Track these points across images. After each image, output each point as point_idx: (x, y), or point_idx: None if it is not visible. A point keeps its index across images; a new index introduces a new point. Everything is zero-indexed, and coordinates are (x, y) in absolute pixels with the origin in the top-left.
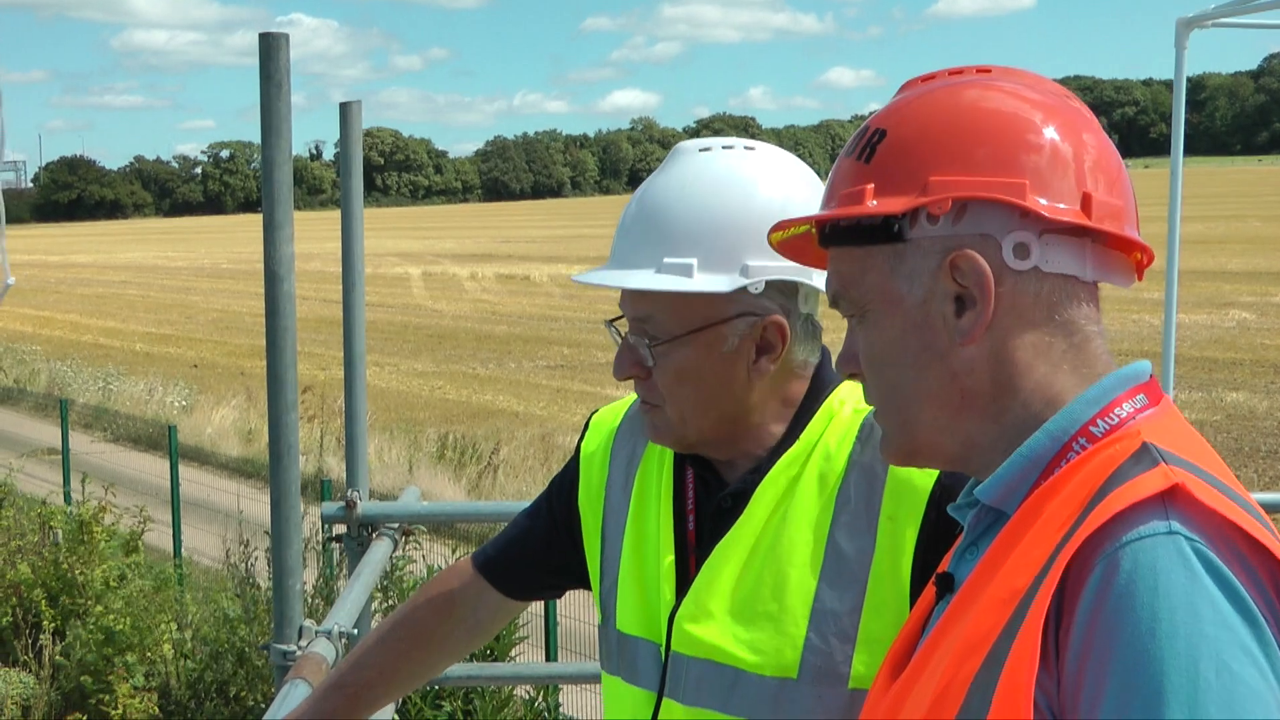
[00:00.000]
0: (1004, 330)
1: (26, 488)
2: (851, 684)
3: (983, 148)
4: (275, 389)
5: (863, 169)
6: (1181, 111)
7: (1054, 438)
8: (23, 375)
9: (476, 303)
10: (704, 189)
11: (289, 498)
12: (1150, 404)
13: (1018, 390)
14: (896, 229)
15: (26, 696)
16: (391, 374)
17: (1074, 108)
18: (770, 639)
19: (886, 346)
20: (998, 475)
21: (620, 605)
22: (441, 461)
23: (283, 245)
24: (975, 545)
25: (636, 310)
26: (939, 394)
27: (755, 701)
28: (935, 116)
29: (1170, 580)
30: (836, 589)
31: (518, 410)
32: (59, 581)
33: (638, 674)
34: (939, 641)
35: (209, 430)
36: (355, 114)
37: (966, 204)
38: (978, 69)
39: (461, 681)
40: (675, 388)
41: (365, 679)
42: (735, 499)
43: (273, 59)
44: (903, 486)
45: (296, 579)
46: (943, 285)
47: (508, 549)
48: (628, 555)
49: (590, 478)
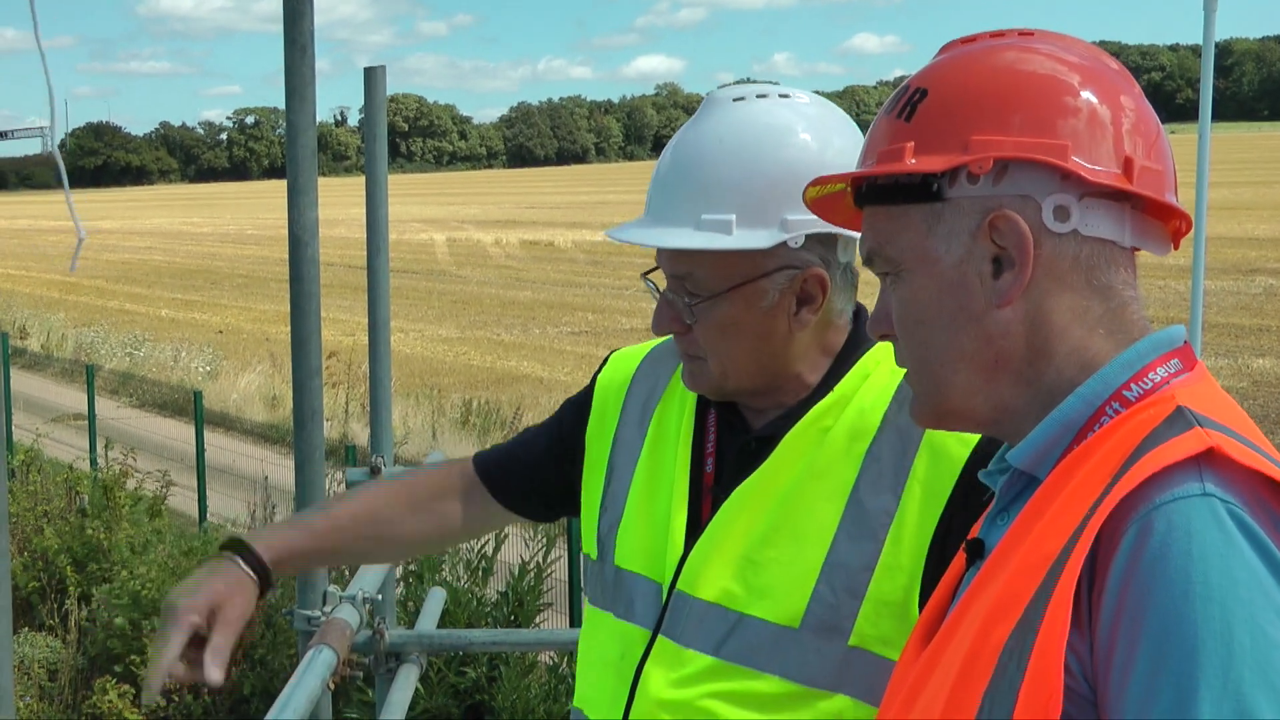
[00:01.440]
0: (1041, 293)
1: (53, 453)
2: (852, 640)
3: (1022, 109)
4: (300, 354)
5: (903, 127)
6: (1210, 77)
7: (1087, 402)
8: (49, 341)
9: (501, 268)
10: (739, 141)
11: (313, 463)
12: (1184, 369)
13: (1053, 354)
14: (935, 188)
15: (53, 661)
16: (416, 339)
17: (1113, 70)
18: (779, 585)
19: (921, 306)
20: (1030, 439)
21: (621, 540)
22: (465, 427)
23: (306, 210)
24: (1007, 510)
25: (675, 268)
26: (973, 356)
27: (752, 647)
28: (977, 77)
29: (1205, 543)
30: (854, 543)
31: (542, 376)
32: (84, 547)
33: (634, 611)
34: (969, 607)
35: (234, 396)
36: (379, 79)
37: (1007, 165)
38: (1019, 32)
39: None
40: (718, 343)
41: (350, 511)
42: (761, 444)
43: (297, 23)
44: (939, 453)
45: None
46: (981, 246)
47: (507, 456)
48: (637, 491)
49: (604, 409)
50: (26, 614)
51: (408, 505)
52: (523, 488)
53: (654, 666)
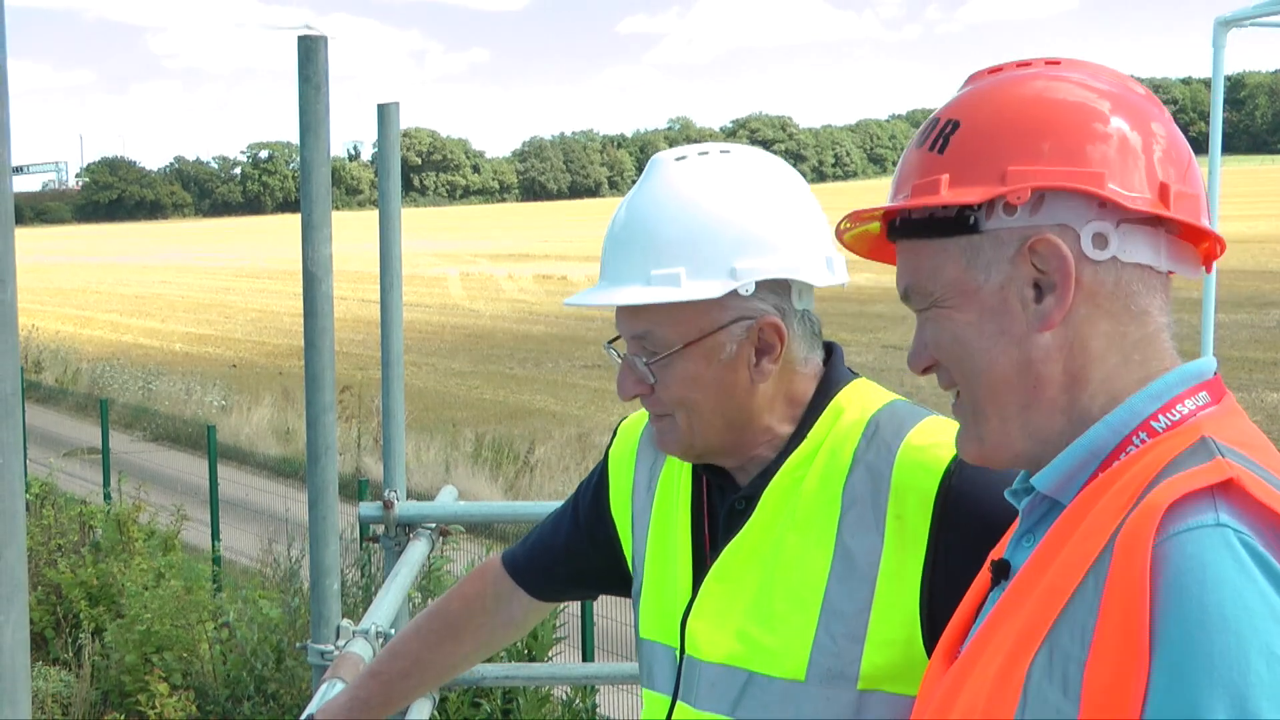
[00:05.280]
0: (1080, 319)
1: (67, 487)
2: (860, 685)
3: (1053, 138)
4: (313, 389)
5: (936, 160)
6: (1220, 111)
7: (1114, 430)
8: (64, 375)
9: (514, 302)
10: (684, 197)
11: (326, 498)
12: (1212, 401)
13: (1088, 380)
14: (972, 221)
15: (66, 695)
16: (429, 374)
17: (1141, 95)
18: (780, 640)
19: (961, 332)
20: (1056, 464)
21: (642, 612)
22: (478, 461)
23: (321, 246)
24: (1031, 533)
25: (633, 328)
26: (1013, 380)
27: (765, 704)
28: (1008, 107)
29: (1219, 573)
30: (846, 588)
31: (555, 410)
32: (97, 581)
33: (655, 678)
34: (995, 627)
35: (247, 430)
36: (393, 116)
37: (1044, 194)
38: (1046, 60)
39: (500, 681)
40: (680, 400)
41: (399, 668)
42: (747, 502)
43: (311, 61)
44: (908, 484)
45: (334, 579)
46: (1022, 270)
47: (532, 552)
48: (650, 561)
49: (619, 483)
50: (40, 648)
51: (450, 636)
52: (555, 583)
53: None
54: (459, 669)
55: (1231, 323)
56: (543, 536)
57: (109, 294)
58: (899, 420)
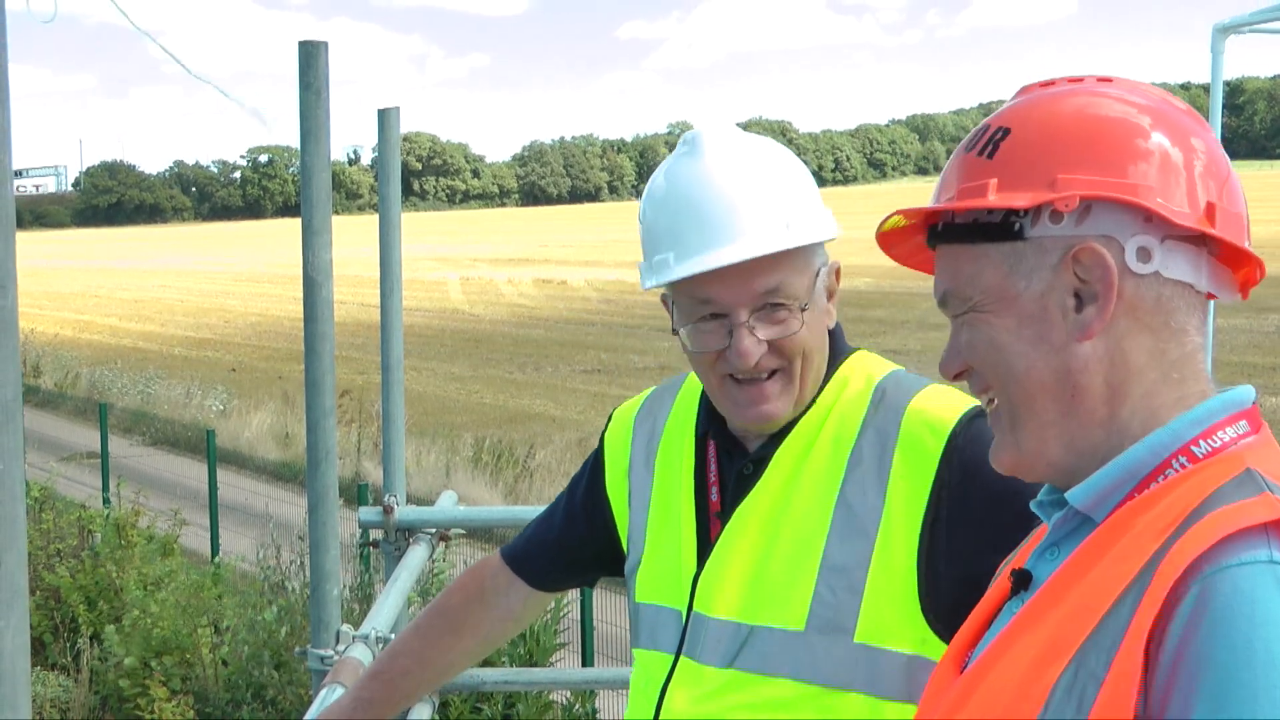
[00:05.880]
0: (1121, 332)
1: (66, 491)
2: (857, 637)
3: (1101, 151)
4: (313, 394)
5: (985, 164)
6: (1219, 117)
7: (1154, 452)
8: (63, 379)
9: (514, 307)
10: (755, 161)
11: (326, 503)
12: (1251, 431)
13: (1128, 395)
14: (1017, 227)
15: (65, 700)
16: (429, 378)
17: (1181, 110)
18: (781, 593)
19: (999, 336)
20: (1093, 481)
21: (641, 577)
22: (478, 466)
23: (321, 251)
24: (1058, 546)
25: (763, 284)
26: (1051, 388)
27: (763, 655)
28: (1059, 118)
29: (1269, 609)
30: (845, 544)
31: (554, 415)
32: (96, 585)
33: (658, 639)
34: (1016, 639)
35: (246, 434)
36: (393, 121)
37: (1091, 205)
38: (1098, 78)
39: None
40: (807, 348)
41: (401, 666)
42: (756, 465)
43: (312, 67)
44: (913, 444)
45: (334, 584)
46: (1064, 278)
47: (529, 543)
48: (652, 528)
49: (615, 463)
50: (38, 653)
51: (449, 631)
52: (554, 571)
53: (676, 687)
54: (460, 665)
55: (1230, 327)
56: (539, 527)
57: (108, 298)
58: (905, 386)
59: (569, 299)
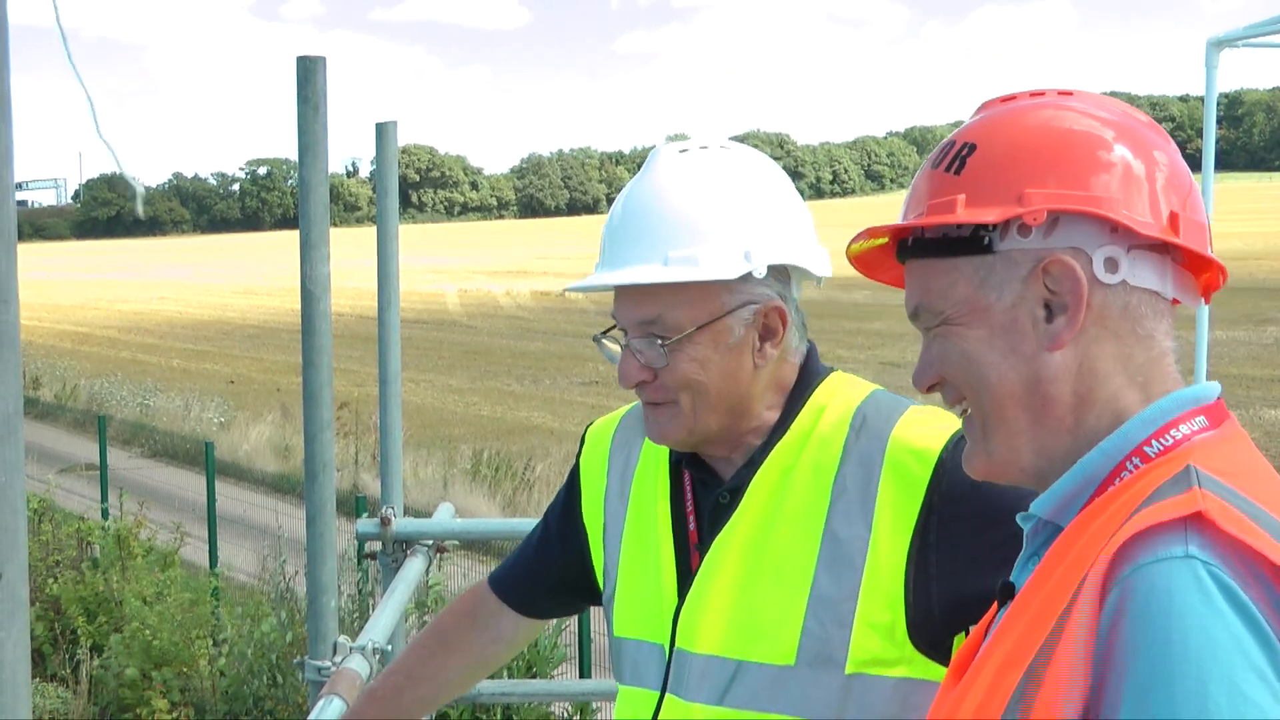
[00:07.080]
0: (1089, 340)
1: (65, 503)
2: (849, 669)
3: (1065, 164)
4: (311, 407)
5: (952, 180)
6: (1213, 131)
7: (1109, 456)
8: (62, 391)
9: (512, 319)
10: (696, 183)
11: (324, 515)
12: (1210, 426)
13: (1094, 402)
14: (986, 241)
15: (64, 712)
16: (427, 390)
17: (1144, 123)
18: (769, 628)
19: (971, 348)
20: (1054, 489)
21: (618, 611)
22: (476, 478)
23: (319, 265)
24: (1035, 555)
25: (643, 313)
26: (1022, 398)
27: (754, 691)
28: (1024, 132)
29: (1184, 603)
30: (833, 575)
31: (552, 427)
32: (95, 597)
33: (640, 675)
34: (994, 650)
35: (245, 446)
36: (391, 134)
37: (1059, 217)
38: (1059, 91)
39: (497, 698)
40: (687, 383)
41: (394, 683)
42: (732, 494)
43: (310, 82)
44: (900, 475)
45: (331, 595)
46: (1033, 290)
47: (513, 569)
48: (626, 561)
49: (592, 490)
50: (38, 664)
51: (441, 651)
52: (539, 599)
53: None
54: (454, 685)
55: (1228, 340)
56: (523, 552)
57: (107, 310)
58: (885, 411)
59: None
